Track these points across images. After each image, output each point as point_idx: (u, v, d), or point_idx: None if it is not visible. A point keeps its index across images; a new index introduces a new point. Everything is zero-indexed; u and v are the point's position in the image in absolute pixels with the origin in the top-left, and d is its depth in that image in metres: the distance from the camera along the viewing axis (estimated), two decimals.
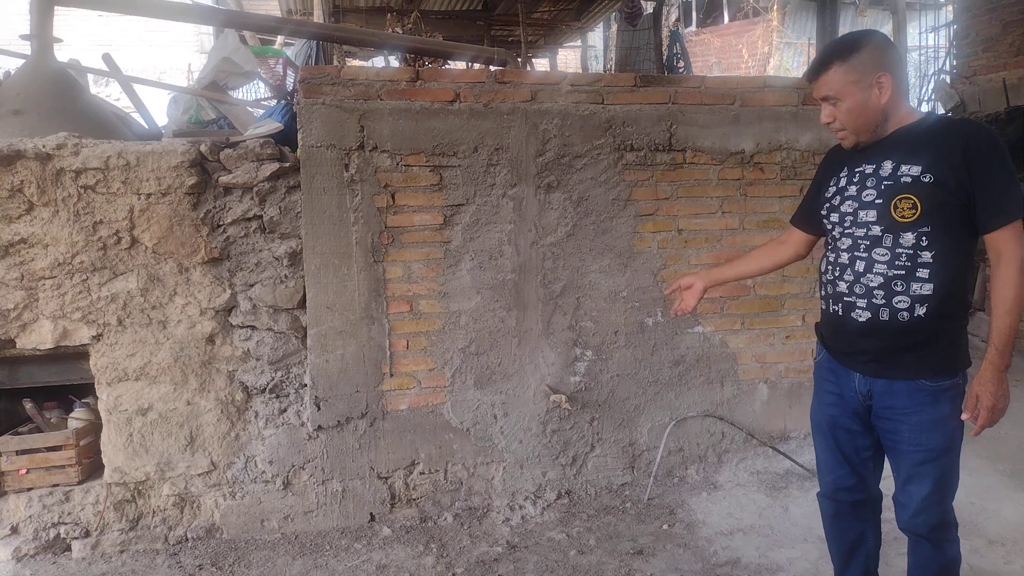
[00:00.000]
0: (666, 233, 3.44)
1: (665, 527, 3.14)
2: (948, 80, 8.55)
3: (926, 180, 1.87)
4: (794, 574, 2.77)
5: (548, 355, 3.36)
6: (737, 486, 3.44)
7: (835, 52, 1.95)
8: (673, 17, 12.59)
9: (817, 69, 1.98)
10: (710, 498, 3.36)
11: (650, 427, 3.51)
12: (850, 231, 2.01)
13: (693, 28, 15.03)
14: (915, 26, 10.99)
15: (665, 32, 9.73)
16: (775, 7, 14.02)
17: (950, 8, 10.05)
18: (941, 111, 8.28)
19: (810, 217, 2.29)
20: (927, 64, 10.77)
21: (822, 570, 2.74)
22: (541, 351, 3.36)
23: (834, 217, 2.07)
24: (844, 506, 2.25)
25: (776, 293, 3.59)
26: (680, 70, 9.18)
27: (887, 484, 2.19)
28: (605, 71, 11.87)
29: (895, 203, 1.90)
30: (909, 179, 1.89)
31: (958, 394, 1.98)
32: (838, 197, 2.06)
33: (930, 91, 9.57)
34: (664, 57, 9.18)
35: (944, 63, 9.36)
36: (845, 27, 13.45)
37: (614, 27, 10.40)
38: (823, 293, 2.16)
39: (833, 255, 2.09)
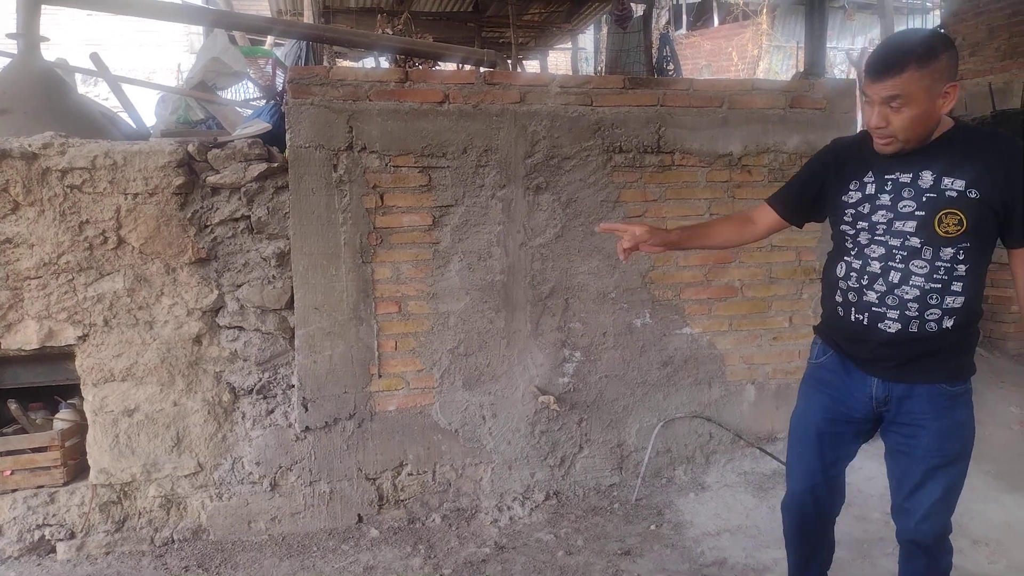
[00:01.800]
0: None
1: (653, 528, 3.15)
2: None
3: (972, 196, 1.79)
4: (780, 574, 2.78)
5: (537, 356, 3.37)
6: (724, 487, 3.45)
7: (912, 54, 1.74)
8: (663, 20, 12.62)
9: (889, 68, 1.76)
10: (698, 499, 3.37)
11: (638, 428, 3.52)
12: (882, 239, 1.91)
13: (683, 31, 15.07)
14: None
15: (655, 35, 9.74)
16: (765, 11, 14.09)
17: (937, 12, 10.13)
18: None
19: (796, 206, 2.19)
20: None
21: None
22: (530, 352, 3.36)
23: (862, 224, 1.95)
24: (811, 517, 2.21)
25: (764, 295, 3.61)
26: (670, 73, 9.20)
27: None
28: (595, 73, 11.90)
29: (940, 218, 1.82)
30: (955, 194, 1.81)
31: (970, 399, 1.97)
32: (867, 205, 1.94)
33: None
34: (654, 60, 9.19)
35: None
36: (834, 31, 13.53)
37: (604, 30, 10.42)
38: (840, 300, 2.03)
39: (859, 262, 1.96)
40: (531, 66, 12.98)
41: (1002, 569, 2.76)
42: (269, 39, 7.14)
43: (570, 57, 13.84)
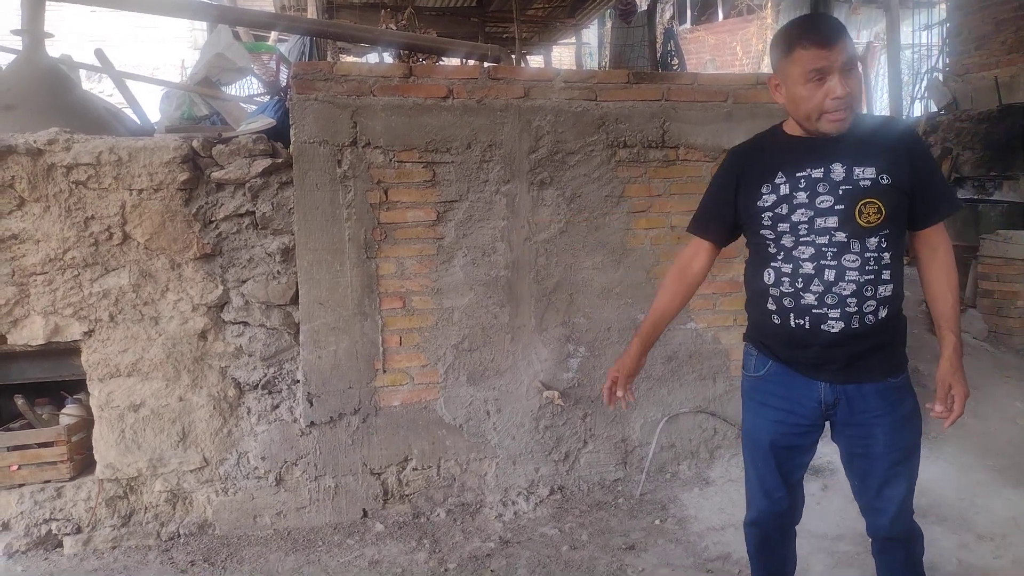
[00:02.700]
0: (659, 230, 3.45)
1: (657, 522, 3.15)
2: (941, 78, 8.58)
3: (885, 182, 1.81)
4: None
5: (541, 351, 3.37)
6: (729, 482, 3.45)
7: (839, 23, 1.82)
8: (668, 14, 12.59)
9: (837, 33, 1.75)
10: (702, 494, 3.38)
11: (642, 423, 3.53)
12: (808, 239, 1.87)
13: (688, 25, 15.04)
14: (908, 24, 11.02)
15: (659, 29, 9.72)
16: (769, 5, 14.03)
17: (943, 6, 10.08)
18: (934, 109, 8.31)
19: (722, 227, 2.10)
20: (920, 62, 10.81)
21: (811, 566, 2.75)
22: (534, 347, 3.36)
23: (783, 226, 1.89)
24: (774, 532, 2.19)
25: None
26: (674, 67, 9.18)
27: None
28: (599, 68, 11.87)
29: (859, 208, 1.82)
30: (868, 182, 1.81)
31: (911, 386, 2.00)
32: (784, 206, 1.89)
33: (923, 89, 9.60)
34: (658, 54, 9.17)
35: (937, 61, 9.40)
36: None
37: (608, 24, 10.40)
38: (774, 307, 1.96)
39: (789, 266, 1.90)
40: (535, 61, 12.97)
41: (1007, 564, 2.76)
42: (273, 35, 7.14)
43: (574, 52, 13.83)
